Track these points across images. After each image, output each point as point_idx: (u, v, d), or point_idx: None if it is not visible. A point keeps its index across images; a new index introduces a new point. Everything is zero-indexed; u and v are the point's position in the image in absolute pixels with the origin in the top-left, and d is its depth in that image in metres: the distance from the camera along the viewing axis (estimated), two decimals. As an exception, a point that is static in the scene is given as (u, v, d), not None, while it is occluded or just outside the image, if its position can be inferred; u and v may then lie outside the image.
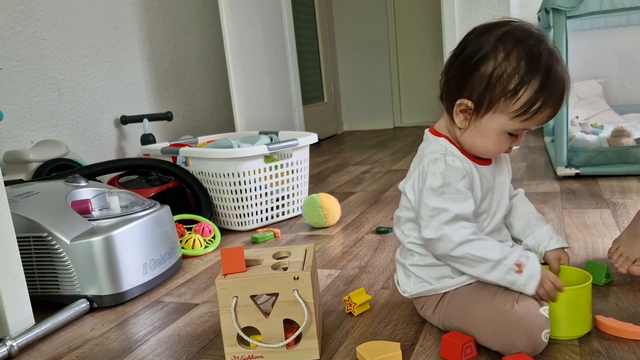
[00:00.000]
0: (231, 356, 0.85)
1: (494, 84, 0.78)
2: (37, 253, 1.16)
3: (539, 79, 0.77)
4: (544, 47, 0.78)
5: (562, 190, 1.84)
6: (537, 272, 0.80)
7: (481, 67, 0.79)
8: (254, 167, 1.65)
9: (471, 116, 0.82)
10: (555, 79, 0.78)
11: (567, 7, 1.83)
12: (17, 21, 1.92)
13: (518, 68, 0.77)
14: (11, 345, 0.97)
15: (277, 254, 0.94)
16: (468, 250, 0.81)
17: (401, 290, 0.94)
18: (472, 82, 0.80)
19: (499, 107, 0.80)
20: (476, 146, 0.85)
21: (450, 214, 0.81)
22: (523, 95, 0.78)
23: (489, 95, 0.79)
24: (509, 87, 0.78)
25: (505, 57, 0.78)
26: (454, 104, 0.83)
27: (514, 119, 0.80)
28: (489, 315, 0.81)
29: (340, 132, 4.57)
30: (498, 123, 0.81)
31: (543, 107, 0.78)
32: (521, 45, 0.78)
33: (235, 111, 2.63)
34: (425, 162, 0.84)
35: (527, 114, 0.79)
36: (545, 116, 0.80)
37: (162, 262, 1.28)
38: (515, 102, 0.78)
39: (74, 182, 1.34)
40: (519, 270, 0.80)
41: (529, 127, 0.82)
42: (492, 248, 0.81)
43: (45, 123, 2.02)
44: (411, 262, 0.91)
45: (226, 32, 2.53)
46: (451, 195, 0.82)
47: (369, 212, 1.80)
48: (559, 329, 0.83)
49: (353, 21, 4.48)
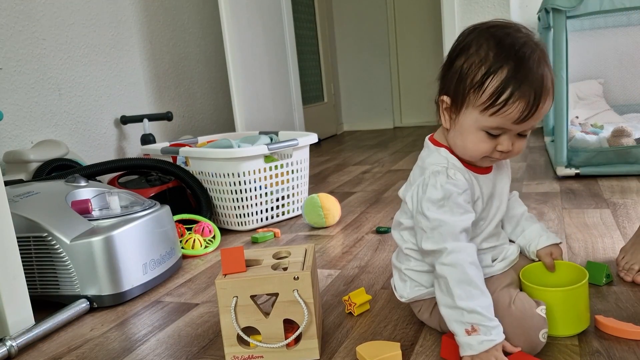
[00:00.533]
0: (231, 356, 0.85)
1: (464, 77, 0.77)
2: (37, 253, 1.16)
3: (507, 69, 0.73)
4: (517, 40, 0.75)
5: (562, 190, 1.84)
6: (483, 347, 0.74)
7: (455, 62, 0.79)
8: (254, 167, 1.65)
9: (452, 114, 0.81)
10: (527, 70, 0.73)
11: (567, 7, 1.83)
12: (17, 21, 1.92)
13: (486, 58, 0.75)
14: (11, 345, 0.97)
15: (277, 254, 0.94)
16: (448, 276, 0.77)
17: (398, 295, 0.94)
18: (450, 78, 0.79)
19: (470, 101, 0.77)
20: (458, 147, 0.83)
21: (449, 227, 0.79)
22: (489, 86, 0.74)
23: (461, 89, 0.77)
24: (476, 78, 0.75)
25: (476, 49, 0.76)
26: (439, 103, 0.83)
27: (483, 113, 0.76)
28: None
29: (340, 132, 4.57)
30: (471, 119, 0.78)
31: (512, 98, 0.73)
32: (493, 38, 0.76)
33: (235, 111, 2.63)
34: (427, 175, 0.83)
35: (495, 105, 0.74)
36: (517, 110, 0.74)
37: (162, 262, 1.28)
38: (482, 93, 0.75)
39: (74, 182, 1.34)
40: (472, 331, 0.75)
41: (504, 125, 0.76)
42: (469, 297, 0.75)
43: (45, 123, 2.02)
44: (407, 267, 0.90)
45: (226, 32, 2.53)
46: (450, 208, 0.80)
47: (369, 212, 1.80)
48: (556, 328, 0.83)
49: (353, 21, 4.48)
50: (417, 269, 0.89)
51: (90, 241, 1.14)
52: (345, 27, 4.51)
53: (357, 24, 4.47)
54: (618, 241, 1.28)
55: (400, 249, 0.92)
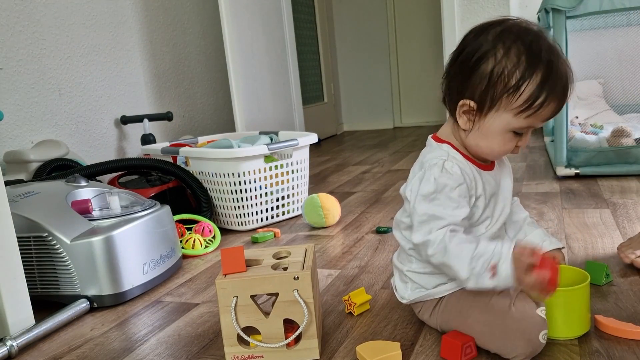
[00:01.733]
0: (231, 356, 0.85)
1: (495, 82, 0.77)
2: (37, 253, 1.16)
3: (541, 73, 0.76)
4: (543, 42, 0.77)
5: (562, 190, 1.84)
6: (508, 273, 0.75)
7: (481, 66, 0.78)
8: (254, 167, 1.65)
9: (474, 117, 0.81)
10: (557, 72, 0.77)
11: (567, 7, 1.83)
12: (17, 21, 1.92)
13: (518, 63, 0.76)
14: (11, 345, 0.97)
15: (277, 254, 0.94)
16: (443, 261, 0.79)
17: (399, 296, 0.94)
18: (473, 82, 0.79)
19: (502, 105, 0.78)
20: (481, 148, 0.84)
21: (439, 221, 0.80)
22: (526, 90, 0.76)
23: (491, 94, 0.78)
24: (511, 82, 0.77)
25: (505, 53, 0.77)
26: (457, 105, 0.82)
27: (517, 116, 0.78)
28: (485, 318, 0.81)
29: (340, 132, 4.57)
30: (502, 121, 0.80)
31: (547, 101, 0.77)
32: (520, 41, 0.77)
33: (235, 111, 2.63)
34: (424, 169, 0.84)
35: (531, 109, 0.77)
36: (549, 111, 0.78)
37: (162, 262, 1.28)
38: (518, 97, 0.77)
39: (74, 182, 1.34)
40: (493, 273, 0.76)
41: (534, 124, 0.80)
42: (461, 258, 0.78)
43: (45, 123, 2.02)
44: (409, 268, 0.91)
45: (226, 32, 2.53)
46: (442, 202, 0.80)
47: (369, 212, 1.80)
48: (557, 330, 0.83)
49: (353, 21, 4.48)
50: (419, 271, 0.89)
51: (90, 241, 1.14)
52: (345, 27, 4.51)
53: (357, 24, 4.47)
54: (618, 241, 1.28)
55: (403, 249, 0.92)
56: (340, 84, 4.62)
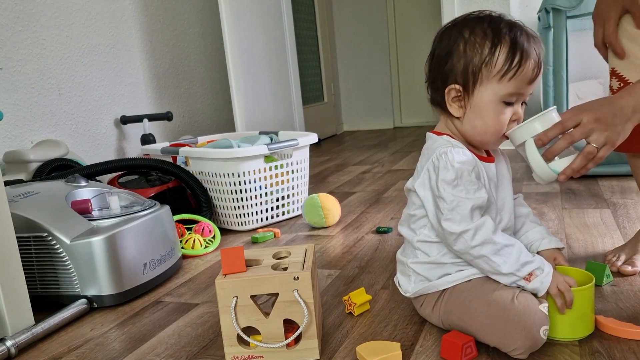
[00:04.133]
0: (231, 356, 0.85)
1: (471, 57, 0.82)
2: (37, 253, 1.16)
3: (508, 37, 0.81)
4: (502, 18, 0.83)
5: (562, 190, 1.84)
6: (546, 281, 0.81)
7: (454, 51, 0.84)
8: (254, 167, 1.65)
9: (464, 100, 0.85)
10: (523, 34, 0.82)
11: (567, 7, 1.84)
12: (17, 21, 1.92)
13: (486, 35, 0.82)
14: (11, 345, 0.97)
15: (277, 254, 0.94)
16: (485, 254, 0.81)
17: (403, 290, 0.94)
18: (452, 67, 0.84)
19: (483, 76, 0.82)
20: (477, 129, 0.85)
21: (467, 205, 0.81)
22: (500, 53, 0.81)
23: (471, 69, 0.82)
24: (484, 52, 0.81)
25: (471, 33, 0.83)
26: (445, 96, 0.86)
27: (501, 81, 0.81)
28: (487, 310, 0.81)
29: (340, 132, 4.57)
30: (489, 92, 0.82)
31: (523, 58, 0.80)
32: (481, 21, 0.83)
33: (235, 111, 2.63)
34: (434, 157, 0.85)
35: (511, 69, 0.80)
36: (529, 69, 0.81)
37: (162, 262, 1.28)
38: (495, 62, 0.81)
39: (74, 182, 1.34)
40: (528, 280, 0.81)
41: (521, 89, 0.82)
42: (508, 257, 0.81)
43: (45, 123, 2.02)
44: (413, 260, 0.91)
45: (226, 32, 2.53)
46: (465, 186, 0.82)
47: (369, 212, 1.80)
48: (560, 330, 0.83)
49: (353, 21, 4.48)
50: (423, 261, 0.89)
51: (90, 241, 1.14)
52: (345, 27, 4.51)
53: (357, 24, 4.47)
54: (618, 241, 1.28)
55: (410, 243, 0.92)
56: (340, 84, 4.62)
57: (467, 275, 0.86)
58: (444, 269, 0.88)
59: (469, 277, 0.86)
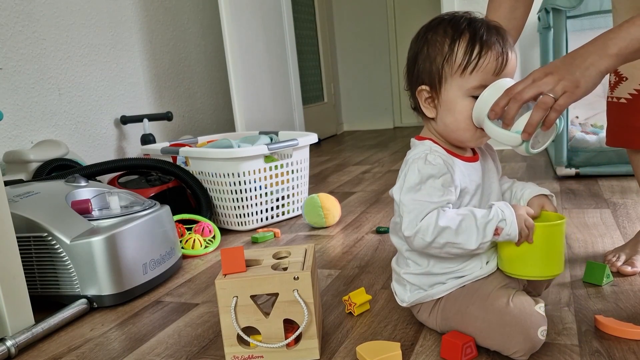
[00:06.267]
0: (231, 356, 0.85)
1: (434, 58, 0.83)
2: (37, 253, 1.16)
3: (467, 32, 0.81)
4: (462, 16, 0.84)
5: (562, 190, 1.84)
6: (514, 229, 0.79)
7: (419, 54, 0.85)
8: (254, 167, 1.65)
9: (434, 100, 0.85)
10: (482, 28, 0.81)
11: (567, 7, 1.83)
12: (17, 21, 1.92)
13: (445, 34, 0.83)
14: (11, 345, 0.97)
15: (277, 254, 0.94)
16: (446, 240, 0.80)
17: (399, 300, 0.94)
18: (419, 71, 0.86)
19: (447, 73, 0.82)
20: (449, 126, 0.85)
21: (423, 207, 0.80)
22: (459, 48, 0.81)
23: (434, 68, 0.83)
24: (445, 49, 0.82)
25: (433, 34, 0.84)
26: (417, 98, 0.87)
27: (463, 75, 0.81)
28: (484, 315, 0.81)
29: (340, 132, 4.57)
30: (455, 87, 0.82)
31: (484, 49, 0.80)
32: (442, 21, 0.85)
33: (235, 111, 2.63)
34: (409, 163, 0.85)
35: (472, 62, 0.80)
36: (492, 60, 0.80)
37: (162, 262, 1.28)
38: (455, 58, 0.81)
39: (74, 182, 1.34)
40: (498, 235, 0.79)
41: (486, 80, 0.80)
42: (468, 231, 0.79)
43: (45, 123, 2.02)
44: (405, 271, 0.91)
45: (226, 32, 2.53)
46: (427, 191, 0.81)
47: (369, 212, 1.80)
48: (533, 268, 0.81)
49: (353, 21, 4.48)
50: (416, 272, 0.89)
51: (90, 241, 1.14)
52: (345, 27, 4.51)
53: (357, 24, 4.47)
54: (618, 241, 1.28)
55: (401, 252, 0.92)
56: (340, 84, 4.62)
57: (460, 283, 0.86)
58: (436, 278, 0.88)
59: (462, 284, 0.86)
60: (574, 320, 0.92)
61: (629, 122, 1.10)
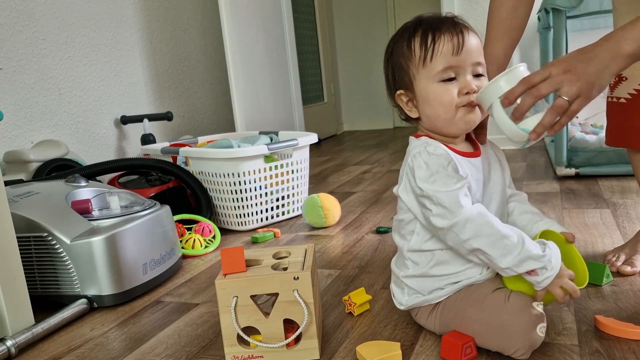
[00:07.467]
0: (231, 356, 0.85)
1: (398, 62, 0.88)
2: (37, 253, 1.16)
3: (420, 28, 0.85)
4: (417, 18, 0.89)
5: (562, 190, 1.84)
6: (545, 283, 0.77)
7: (388, 64, 0.91)
8: (254, 167, 1.65)
9: (412, 100, 0.88)
10: (432, 19, 0.85)
11: (567, 7, 1.83)
12: (17, 21, 1.92)
13: (402, 37, 0.88)
14: (11, 344, 0.97)
15: (277, 254, 0.94)
16: (478, 247, 0.78)
17: (397, 302, 0.94)
18: (392, 79, 0.90)
19: (413, 71, 0.86)
20: (431, 117, 0.87)
21: (449, 198, 0.80)
22: (415, 43, 0.85)
23: (402, 71, 0.87)
24: (404, 51, 0.86)
25: (393, 43, 0.89)
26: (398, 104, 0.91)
27: (425, 65, 0.83)
28: (482, 317, 0.81)
29: (340, 132, 4.57)
30: (423, 80, 0.85)
31: (436, 36, 0.83)
32: (400, 30, 0.90)
33: (235, 111, 2.63)
34: (410, 160, 0.86)
35: (428, 50, 0.83)
36: (447, 42, 0.82)
37: (162, 262, 1.28)
38: (414, 50, 0.85)
39: (74, 182, 1.34)
40: (531, 273, 0.77)
41: (451, 62, 0.82)
42: (506, 251, 0.77)
43: (45, 123, 2.02)
44: (404, 274, 0.90)
45: (226, 32, 2.53)
46: (443, 181, 0.81)
47: (369, 212, 1.80)
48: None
49: (353, 21, 4.48)
50: (414, 274, 0.89)
51: (90, 241, 1.14)
52: (345, 27, 4.51)
53: (357, 24, 4.47)
54: (618, 241, 1.28)
55: (401, 252, 0.92)
56: (340, 84, 4.62)
57: (457, 287, 0.86)
58: (435, 282, 0.87)
59: (459, 288, 0.86)
60: (574, 320, 0.92)
61: (628, 122, 1.10)
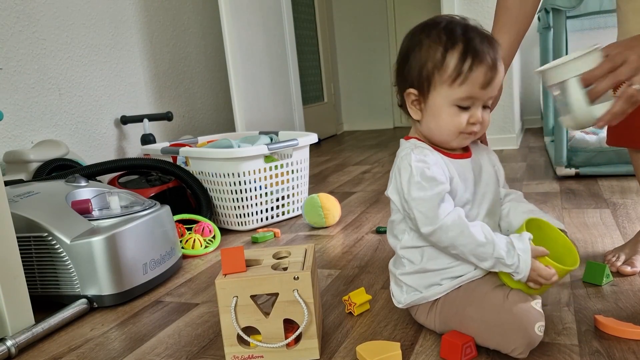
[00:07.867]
0: (231, 356, 0.85)
1: (425, 63, 0.83)
2: (37, 253, 1.16)
3: (461, 42, 0.81)
4: (457, 23, 0.84)
5: (562, 190, 1.84)
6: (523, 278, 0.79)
7: (411, 56, 0.85)
8: (254, 167, 1.65)
9: (420, 103, 0.86)
10: (477, 40, 0.81)
11: (567, 7, 1.83)
12: (17, 21, 1.92)
13: (440, 41, 0.82)
14: (11, 344, 0.97)
15: (277, 254, 0.94)
16: (458, 253, 0.82)
17: (396, 301, 0.94)
18: (410, 72, 0.85)
19: (436, 81, 0.83)
20: (432, 130, 0.87)
21: (429, 202, 0.81)
22: (451, 59, 0.81)
23: (425, 74, 0.83)
24: (437, 57, 0.82)
25: (426, 37, 0.84)
26: (405, 100, 0.88)
27: (452, 86, 0.81)
28: (482, 316, 0.81)
29: (340, 132, 4.57)
30: (442, 96, 0.83)
31: (474, 63, 0.80)
32: (437, 26, 0.84)
33: (235, 111, 2.63)
34: (398, 162, 0.87)
35: (462, 74, 0.80)
36: (480, 74, 0.80)
37: (162, 262, 1.28)
38: (446, 67, 0.81)
39: (74, 182, 1.34)
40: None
41: (473, 93, 0.81)
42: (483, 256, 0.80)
43: (45, 123, 2.02)
44: (401, 272, 0.91)
45: (226, 32, 2.53)
46: (425, 183, 0.82)
47: (369, 212, 1.80)
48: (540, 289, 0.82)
49: (353, 21, 4.48)
50: (410, 271, 0.89)
51: (90, 241, 1.14)
52: (345, 27, 4.51)
53: (357, 24, 4.47)
54: (618, 241, 1.28)
55: (396, 251, 0.93)
56: (340, 84, 4.62)
57: (456, 284, 0.86)
58: (431, 278, 0.88)
59: (458, 285, 0.86)
60: (574, 320, 0.92)
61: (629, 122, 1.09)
